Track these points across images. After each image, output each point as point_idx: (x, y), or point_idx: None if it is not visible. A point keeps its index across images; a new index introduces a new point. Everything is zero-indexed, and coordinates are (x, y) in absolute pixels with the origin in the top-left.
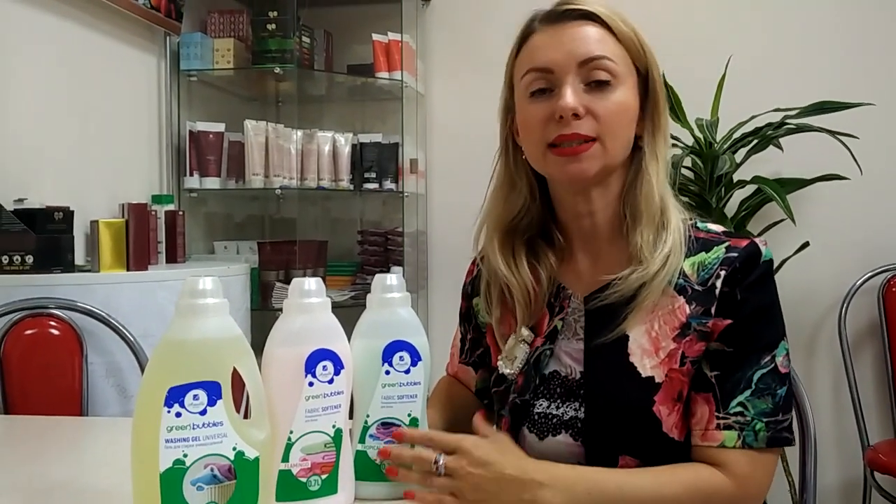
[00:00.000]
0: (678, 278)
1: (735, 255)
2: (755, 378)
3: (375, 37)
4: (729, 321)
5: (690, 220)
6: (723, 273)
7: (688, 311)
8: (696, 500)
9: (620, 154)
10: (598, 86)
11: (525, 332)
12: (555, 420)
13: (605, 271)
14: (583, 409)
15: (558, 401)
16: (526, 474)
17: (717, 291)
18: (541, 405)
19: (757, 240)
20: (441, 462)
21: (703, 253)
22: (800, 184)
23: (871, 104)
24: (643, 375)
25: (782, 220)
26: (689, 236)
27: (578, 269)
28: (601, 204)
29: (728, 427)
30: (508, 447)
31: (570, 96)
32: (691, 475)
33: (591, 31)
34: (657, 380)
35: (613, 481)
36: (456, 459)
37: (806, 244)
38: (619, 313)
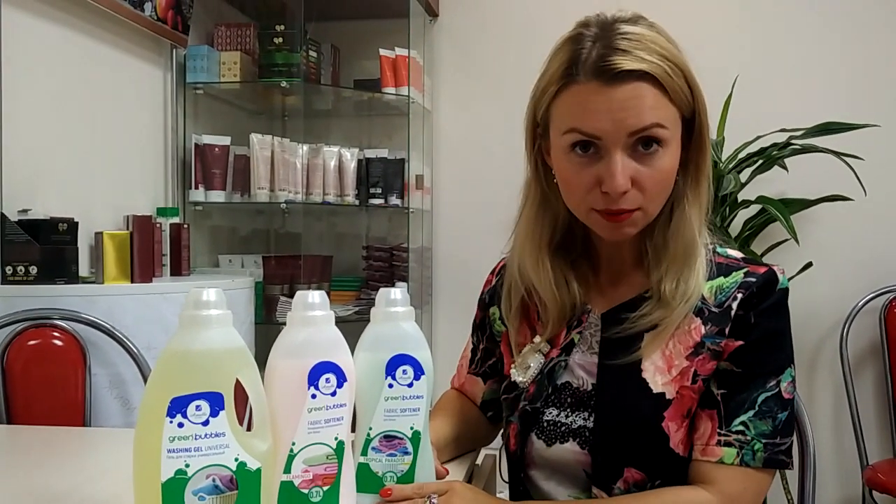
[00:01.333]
0: (697, 302)
1: (753, 279)
2: (759, 400)
3: (382, 52)
4: (740, 342)
5: (711, 244)
6: (739, 296)
7: (703, 331)
8: None
9: (658, 210)
10: (644, 148)
11: (542, 342)
12: (563, 428)
13: (625, 292)
14: (592, 419)
15: (568, 410)
16: None
17: (733, 313)
18: (550, 413)
19: (775, 267)
20: (435, 499)
21: (722, 278)
22: (804, 204)
23: (876, 125)
24: (654, 391)
25: (786, 241)
26: (711, 261)
27: (601, 287)
28: (631, 240)
29: (728, 444)
30: (487, 494)
31: (621, 176)
32: (673, 495)
33: (645, 97)
34: (668, 396)
35: None
36: (447, 496)
37: (809, 264)
38: (635, 339)
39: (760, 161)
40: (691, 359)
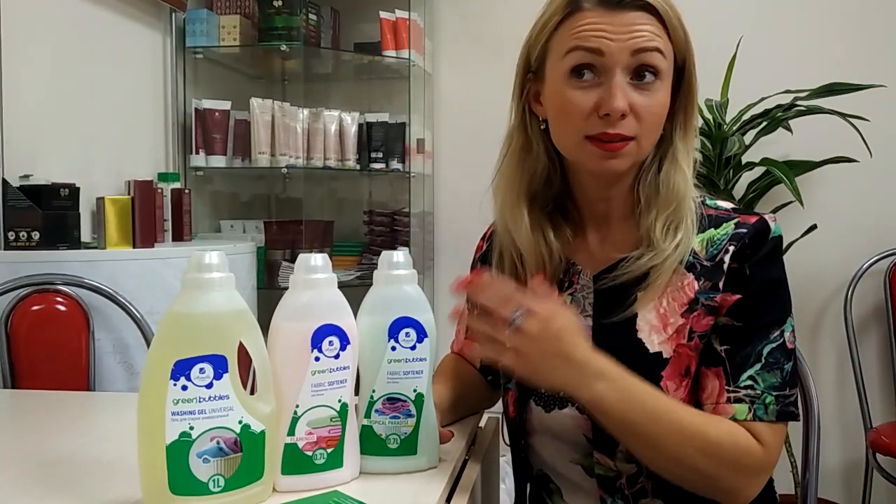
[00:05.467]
0: (689, 256)
1: (744, 230)
2: (765, 352)
3: (383, 14)
4: (738, 296)
5: (699, 197)
6: (731, 248)
7: (696, 286)
8: (732, 452)
9: (650, 149)
10: (643, 80)
11: None
12: (561, 393)
13: (614, 250)
14: None
15: None
16: (591, 362)
17: (726, 266)
18: None
19: (767, 216)
20: (521, 314)
21: (713, 229)
22: (808, 166)
23: (882, 86)
24: (651, 351)
25: (790, 203)
26: (700, 214)
27: (589, 247)
28: (617, 191)
29: (738, 400)
30: (576, 327)
31: (621, 97)
32: (732, 427)
33: (648, 24)
34: (665, 355)
35: (665, 403)
36: (535, 321)
37: (813, 227)
38: (628, 293)
39: (765, 123)
40: (686, 316)
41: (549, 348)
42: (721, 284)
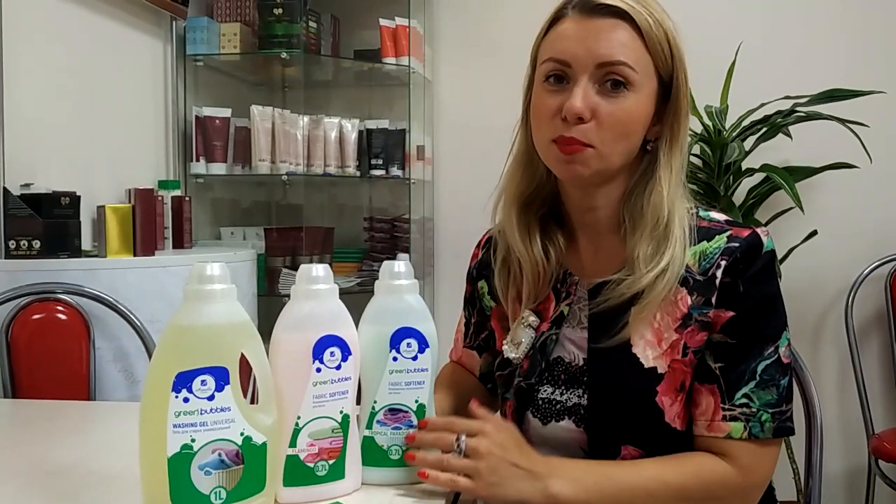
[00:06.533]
0: (682, 271)
1: (736, 245)
2: (759, 370)
3: (382, 22)
4: (732, 313)
5: (694, 208)
6: (723, 263)
7: (689, 301)
8: (701, 490)
9: (619, 161)
10: (611, 88)
11: (531, 316)
12: (558, 406)
13: (605, 263)
14: (586, 397)
15: (562, 387)
16: (538, 465)
17: (718, 282)
18: (545, 391)
19: (759, 230)
20: (463, 440)
21: (705, 242)
22: (809, 172)
23: (881, 92)
24: (646, 366)
25: (791, 209)
26: (692, 226)
27: (582, 257)
28: (604, 202)
29: (734, 419)
30: (519, 438)
31: (579, 99)
32: (696, 465)
33: (620, 33)
34: (660, 370)
35: (619, 472)
36: (477, 440)
37: (814, 233)
38: (621, 316)
39: (764, 129)
40: (680, 331)
41: (498, 462)
42: (714, 300)
